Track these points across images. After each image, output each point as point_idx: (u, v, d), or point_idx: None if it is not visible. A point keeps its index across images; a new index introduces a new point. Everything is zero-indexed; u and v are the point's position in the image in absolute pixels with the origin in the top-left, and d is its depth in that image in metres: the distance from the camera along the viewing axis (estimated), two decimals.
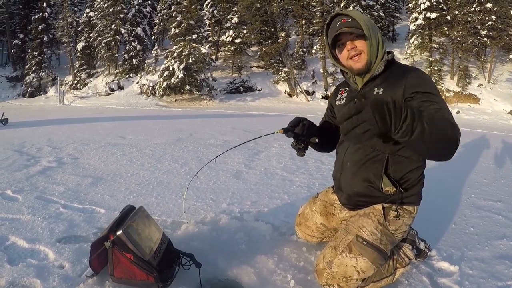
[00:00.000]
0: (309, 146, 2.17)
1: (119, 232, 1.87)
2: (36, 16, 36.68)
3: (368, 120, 1.40)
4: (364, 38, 1.94)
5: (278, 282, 2.11)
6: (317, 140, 2.09)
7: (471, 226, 3.10)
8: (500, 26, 24.06)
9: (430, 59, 25.96)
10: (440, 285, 2.22)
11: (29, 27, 37.66)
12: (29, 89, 35.59)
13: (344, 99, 2.20)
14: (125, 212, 2.08)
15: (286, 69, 27.73)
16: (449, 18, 25.11)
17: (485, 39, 24.56)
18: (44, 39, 36.55)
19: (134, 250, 1.88)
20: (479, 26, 24.47)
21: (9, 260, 2.23)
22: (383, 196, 2.04)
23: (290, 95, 28.37)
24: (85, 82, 34.53)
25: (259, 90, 29.11)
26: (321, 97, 27.32)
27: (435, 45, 26.21)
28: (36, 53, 36.25)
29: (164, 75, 26.97)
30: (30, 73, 35.95)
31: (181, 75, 26.03)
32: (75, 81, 34.72)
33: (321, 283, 1.99)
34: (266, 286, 2.07)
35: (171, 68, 26.69)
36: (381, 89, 1.96)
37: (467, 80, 24.98)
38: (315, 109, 22.86)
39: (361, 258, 1.91)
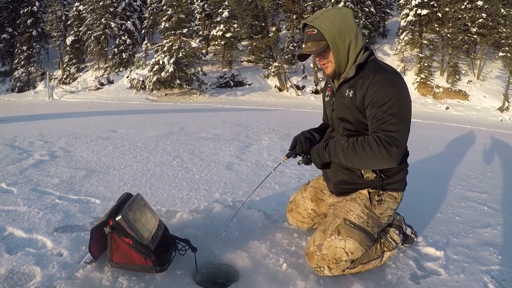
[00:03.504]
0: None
1: (118, 218, 1.93)
2: (25, 10, 36.19)
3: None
4: (329, 49, 2.01)
5: (271, 266, 2.19)
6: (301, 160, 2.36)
7: (457, 215, 3.21)
8: (490, 23, 24.23)
9: (420, 55, 26.16)
10: (426, 268, 2.33)
11: (18, 21, 37.13)
12: (18, 84, 35.18)
13: (328, 97, 2.34)
14: (123, 199, 2.14)
15: (276, 64, 27.72)
16: (439, 15, 25.24)
17: (475, 36, 24.71)
18: (33, 33, 36.08)
19: (132, 235, 1.95)
20: (469, 24, 24.62)
21: (7, 250, 2.27)
22: (366, 182, 2.15)
23: (280, 90, 28.40)
24: (75, 76, 34.20)
25: (249, 84, 29.07)
26: (311, 91, 27.43)
27: (425, 42, 26.39)
28: (25, 48, 35.83)
29: (154, 69, 26.80)
30: (18, 67, 35.50)
31: (171, 69, 25.88)
32: (64, 76, 34.36)
33: (312, 266, 2.08)
34: (260, 269, 2.15)
35: (161, 62, 26.52)
36: (351, 92, 2.06)
37: (457, 76, 25.20)
38: (305, 104, 22.97)
39: (349, 240, 2.01)
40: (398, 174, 2.17)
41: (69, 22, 36.22)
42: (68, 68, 34.68)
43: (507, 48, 23.76)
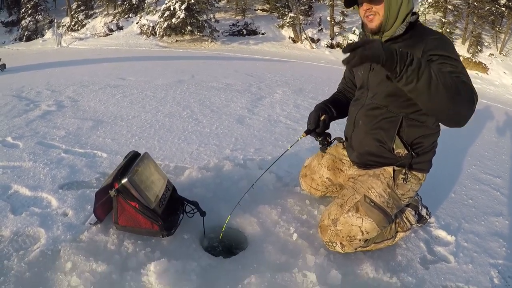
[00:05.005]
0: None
1: (124, 180, 1.84)
2: None
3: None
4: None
5: (281, 234, 2.12)
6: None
7: (470, 198, 3.12)
8: None
9: (443, 20, 24.94)
10: (436, 253, 2.27)
11: None
12: (26, 33, 34.57)
13: None
14: (130, 159, 2.05)
15: (292, 14, 26.89)
16: None
17: (503, 8, 23.49)
18: None
19: (139, 199, 1.87)
20: None
21: (12, 210, 2.22)
22: (394, 158, 2.01)
23: (294, 41, 27.71)
24: (83, 23, 33.50)
25: (263, 34, 28.39)
26: (326, 45, 26.65)
27: (450, 6, 25.12)
28: None
29: (165, 15, 26.21)
30: (26, 16, 34.75)
31: (182, 15, 25.30)
32: (73, 23, 33.68)
33: (324, 240, 2.00)
34: (269, 238, 2.08)
35: (172, 8, 25.90)
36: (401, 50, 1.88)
37: (479, 47, 24.02)
38: (319, 57, 22.37)
39: (367, 219, 1.91)
40: (427, 153, 2.03)
41: None
42: (76, 15, 33.91)
43: None
